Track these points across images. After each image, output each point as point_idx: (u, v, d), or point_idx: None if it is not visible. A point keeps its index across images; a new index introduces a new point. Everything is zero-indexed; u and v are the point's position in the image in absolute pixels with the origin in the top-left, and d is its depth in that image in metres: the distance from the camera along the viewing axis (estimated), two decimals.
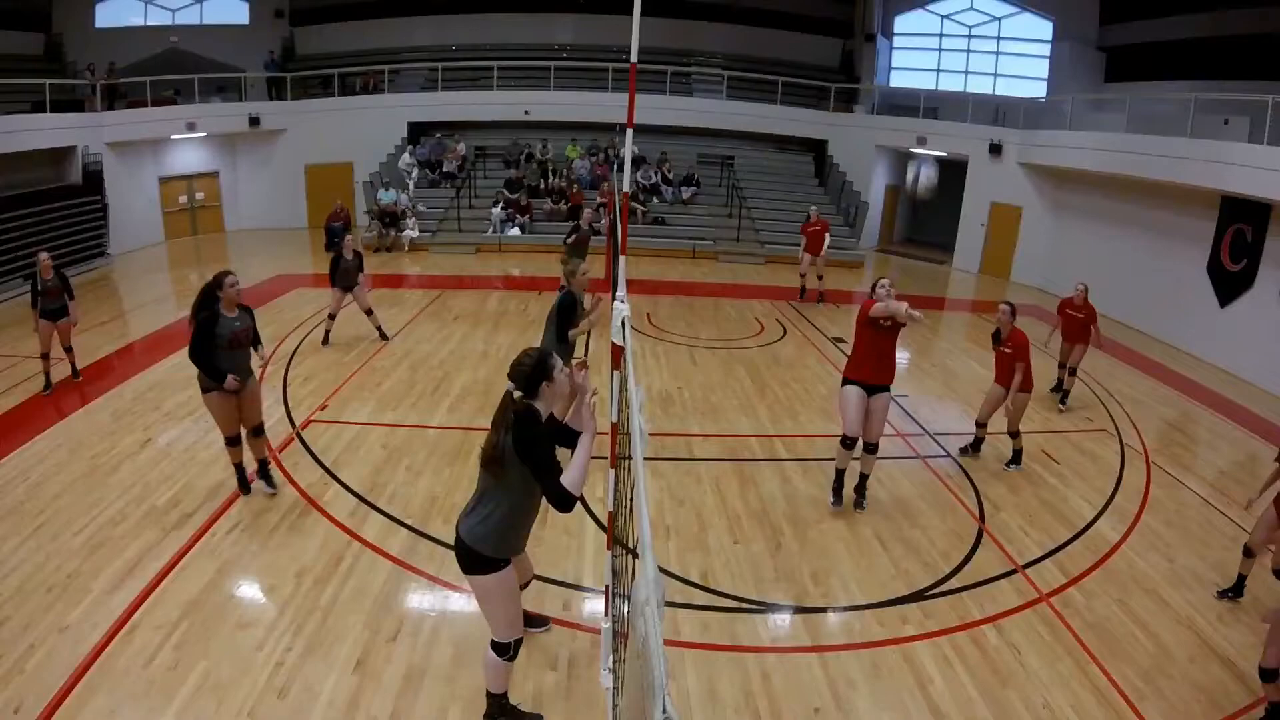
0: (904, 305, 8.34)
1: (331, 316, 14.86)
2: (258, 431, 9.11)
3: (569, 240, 17.41)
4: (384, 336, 15.11)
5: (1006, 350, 10.87)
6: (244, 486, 9.21)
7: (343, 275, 14.54)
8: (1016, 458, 11.08)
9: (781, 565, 8.28)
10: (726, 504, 9.51)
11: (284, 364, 13.63)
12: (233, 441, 9.00)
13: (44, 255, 12.76)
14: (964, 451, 11.37)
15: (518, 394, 5.20)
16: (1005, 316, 10.80)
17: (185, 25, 30.57)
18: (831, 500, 9.54)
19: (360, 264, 14.85)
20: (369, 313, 15.05)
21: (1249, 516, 10.19)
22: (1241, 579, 8.34)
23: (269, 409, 11.87)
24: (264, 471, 9.35)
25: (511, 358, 5.28)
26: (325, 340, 14.71)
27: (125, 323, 16.25)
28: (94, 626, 6.90)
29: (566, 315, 9.90)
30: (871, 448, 9.32)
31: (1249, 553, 8.23)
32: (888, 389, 9.14)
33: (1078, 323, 13.51)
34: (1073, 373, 13.87)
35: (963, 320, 19.86)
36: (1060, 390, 14.02)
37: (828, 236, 20.23)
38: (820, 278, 20.39)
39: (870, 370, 9.04)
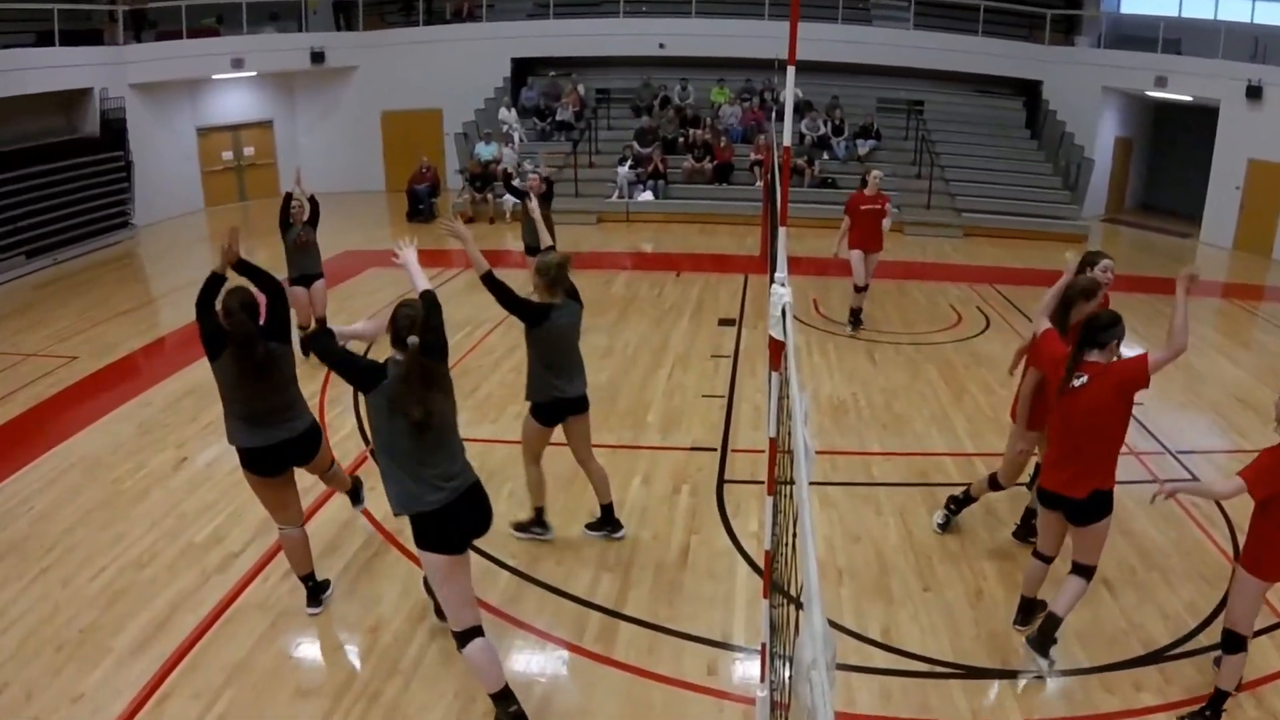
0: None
1: (302, 329, 13.27)
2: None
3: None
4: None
5: None
6: (315, 598, 8.06)
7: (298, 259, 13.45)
8: None
9: (984, 618, 8.09)
10: (914, 540, 9.35)
11: None
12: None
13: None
14: None
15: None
16: None
17: None
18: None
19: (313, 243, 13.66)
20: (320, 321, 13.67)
21: None
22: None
23: (337, 418, 12.05)
24: (358, 495, 9.18)
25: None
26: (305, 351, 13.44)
27: (154, 311, 16.71)
28: (115, 695, 6.96)
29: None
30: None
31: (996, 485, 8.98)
32: None
33: None
34: None
35: (1212, 308, 19.23)
36: None
37: (889, 220, 15.92)
38: (861, 288, 16.09)
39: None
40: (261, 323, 7.32)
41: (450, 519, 6.28)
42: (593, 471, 9.12)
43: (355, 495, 9.17)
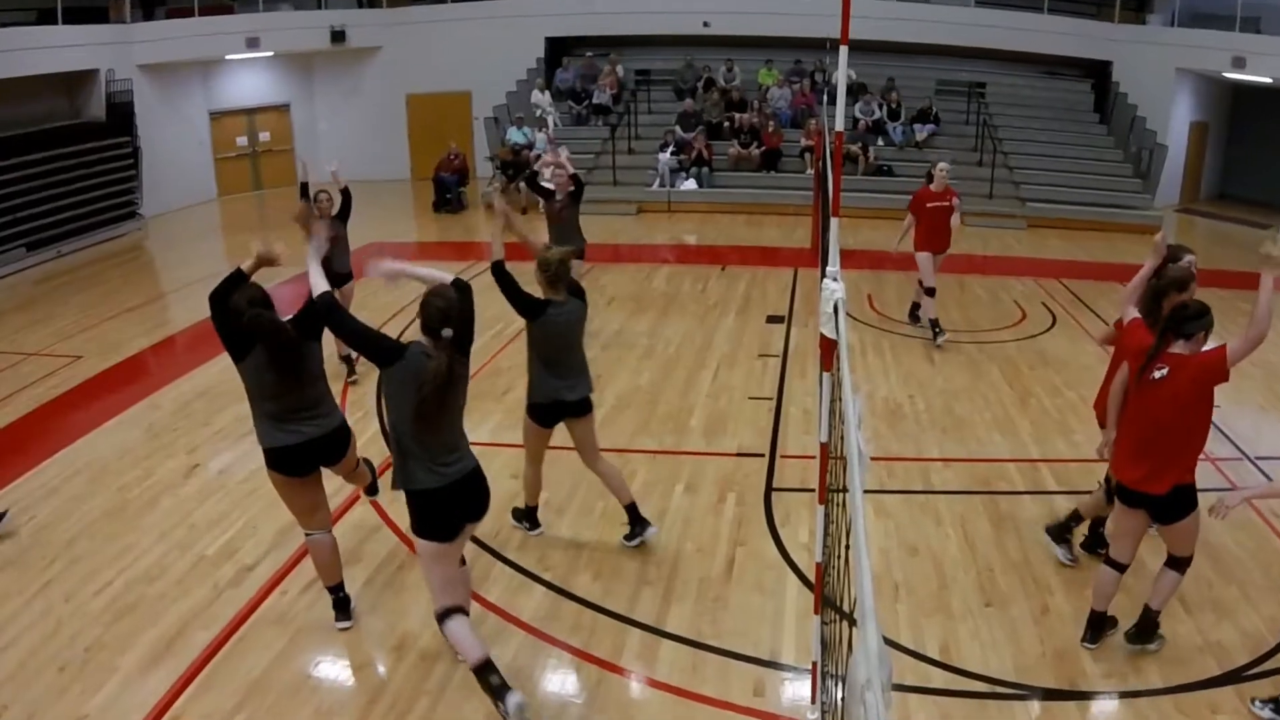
0: None
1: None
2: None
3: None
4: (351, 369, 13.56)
5: None
6: (343, 610, 8.08)
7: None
8: None
9: (1050, 635, 8.03)
10: (976, 552, 9.30)
11: None
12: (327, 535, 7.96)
13: None
14: None
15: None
16: None
17: None
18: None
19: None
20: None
21: None
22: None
23: (361, 421, 12.07)
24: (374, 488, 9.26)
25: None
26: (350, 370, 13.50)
27: (164, 308, 16.75)
28: (122, 717, 6.98)
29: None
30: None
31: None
32: None
33: None
34: None
35: None
36: None
37: (958, 216, 15.33)
38: (931, 290, 15.44)
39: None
40: (296, 314, 7.38)
41: (444, 502, 6.56)
42: (603, 473, 9.18)
43: (372, 488, 9.24)
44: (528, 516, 9.45)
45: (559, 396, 8.70)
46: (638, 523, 9.20)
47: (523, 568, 8.92)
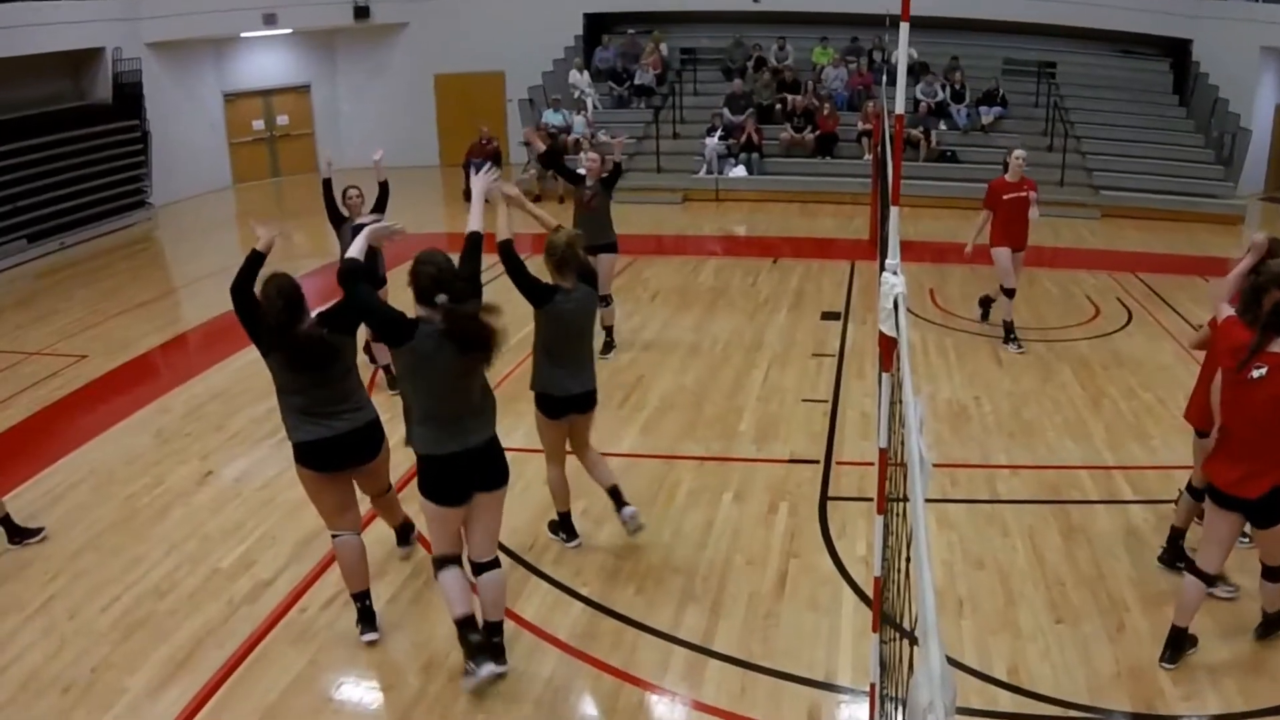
0: None
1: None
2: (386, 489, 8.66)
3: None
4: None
5: None
6: (370, 622, 8.03)
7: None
8: None
9: (1126, 654, 7.94)
10: (1045, 566, 9.22)
11: None
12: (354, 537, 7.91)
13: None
14: None
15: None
16: None
17: None
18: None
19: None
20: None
21: None
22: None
23: (386, 424, 12.03)
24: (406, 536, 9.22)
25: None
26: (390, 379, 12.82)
27: (175, 304, 16.76)
28: None
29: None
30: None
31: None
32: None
33: None
34: None
35: None
36: None
37: (1036, 210, 14.87)
38: (1011, 291, 15.08)
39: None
40: (330, 308, 7.47)
41: (458, 469, 6.95)
42: (587, 459, 9.26)
43: (404, 534, 9.20)
44: (563, 527, 9.44)
45: (564, 389, 8.74)
46: (620, 505, 9.17)
47: (559, 582, 8.89)
